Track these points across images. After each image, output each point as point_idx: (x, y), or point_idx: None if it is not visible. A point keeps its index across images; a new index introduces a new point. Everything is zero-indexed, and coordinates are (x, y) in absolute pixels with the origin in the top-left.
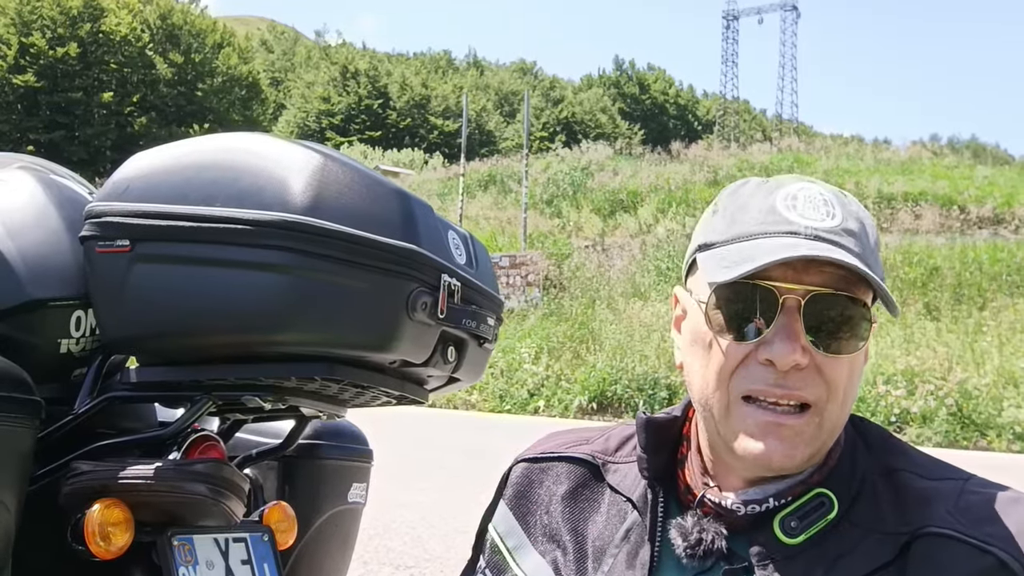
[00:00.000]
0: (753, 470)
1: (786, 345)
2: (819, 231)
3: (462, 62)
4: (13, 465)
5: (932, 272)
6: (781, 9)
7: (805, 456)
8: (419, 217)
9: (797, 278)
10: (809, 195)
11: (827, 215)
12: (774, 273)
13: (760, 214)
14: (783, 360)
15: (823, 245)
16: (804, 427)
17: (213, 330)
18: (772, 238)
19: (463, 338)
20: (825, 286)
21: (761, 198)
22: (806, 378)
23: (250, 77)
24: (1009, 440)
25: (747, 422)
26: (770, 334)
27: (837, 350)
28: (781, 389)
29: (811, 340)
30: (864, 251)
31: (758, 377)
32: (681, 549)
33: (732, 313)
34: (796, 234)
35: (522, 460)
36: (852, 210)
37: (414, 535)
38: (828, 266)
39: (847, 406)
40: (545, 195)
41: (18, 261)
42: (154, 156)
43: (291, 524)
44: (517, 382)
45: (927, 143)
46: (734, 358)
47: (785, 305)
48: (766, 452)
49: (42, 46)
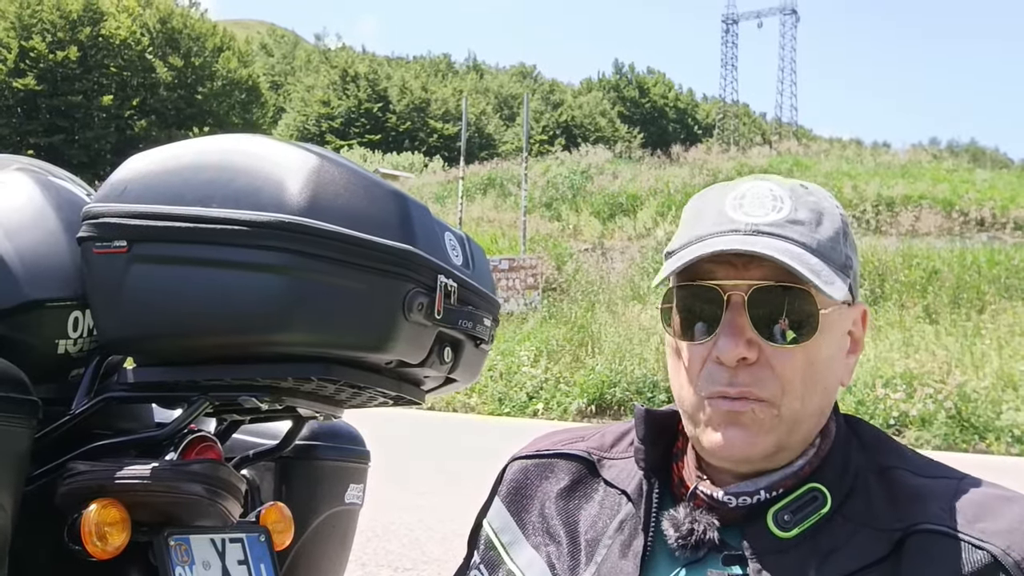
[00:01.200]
0: (723, 464)
1: (728, 340)
2: (759, 226)
3: (462, 65)
4: (10, 465)
5: (931, 275)
6: (780, 13)
7: (768, 445)
8: (415, 218)
9: (739, 274)
10: (757, 192)
11: (772, 209)
12: (719, 273)
13: (710, 217)
14: (727, 356)
15: (757, 239)
16: (762, 416)
17: (210, 331)
18: (715, 238)
19: (459, 339)
20: (767, 279)
21: (714, 202)
22: (756, 374)
23: (250, 81)
24: (1008, 443)
25: (711, 417)
26: (719, 331)
27: (785, 341)
28: (734, 388)
29: (759, 333)
30: (812, 239)
31: (715, 378)
32: (673, 540)
33: (687, 316)
34: (737, 231)
35: (518, 458)
36: (807, 201)
37: (412, 537)
38: (770, 259)
39: (810, 400)
40: (544, 198)
41: (16, 262)
42: (151, 157)
43: (288, 525)
44: (516, 385)
45: (926, 146)
46: (696, 361)
47: (731, 302)
48: (727, 442)
49: (42, 50)
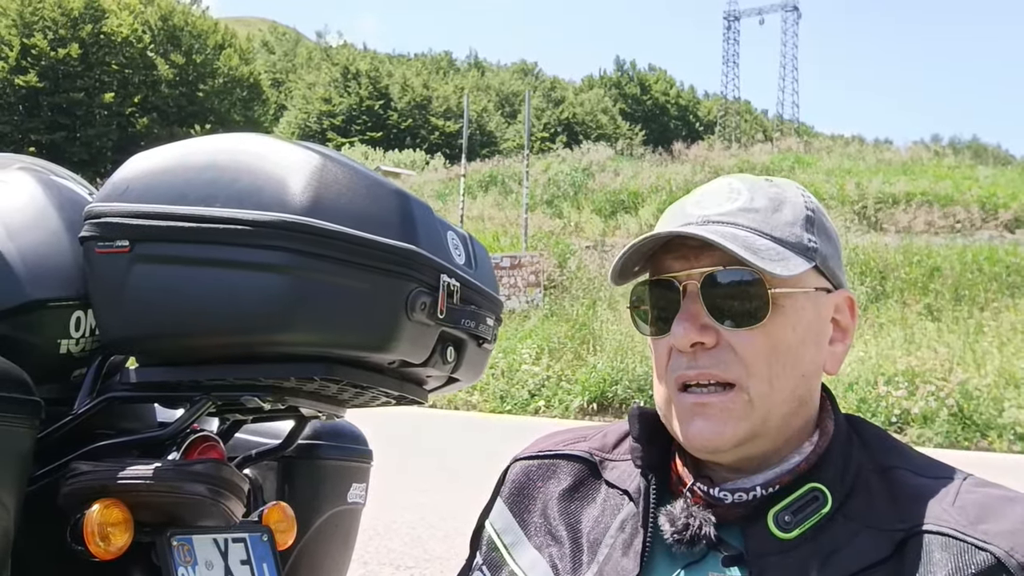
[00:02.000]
0: (699, 455)
1: (680, 326)
2: (710, 216)
3: (463, 63)
4: (12, 465)
5: (933, 272)
6: (782, 10)
7: (738, 433)
8: (418, 217)
9: (690, 264)
10: (717, 187)
11: (727, 200)
12: (675, 266)
13: (672, 216)
14: (680, 341)
15: (704, 227)
16: (730, 404)
17: (212, 330)
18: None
19: (462, 338)
20: (716, 265)
21: (679, 203)
22: (716, 356)
23: (251, 78)
24: (1010, 441)
25: (680, 409)
26: (675, 321)
27: (744, 323)
28: (694, 370)
29: (714, 318)
30: (764, 225)
31: (675, 365)
32: (669, 535)
33: (650, 311)
34: (689, 224)
35: (520, 459)
36: (768, 192)
37: (414, 535)
38: (717, 247)
39: (780, 384)
40: (546, 196)
41: (18, 261)
42: (154, 157)
43: (290, 524)
44: (518, 383)
45: (928, 143)
46: (663, 353)
47: (687, 291)
48: (696, 432)
49: (44, 47)
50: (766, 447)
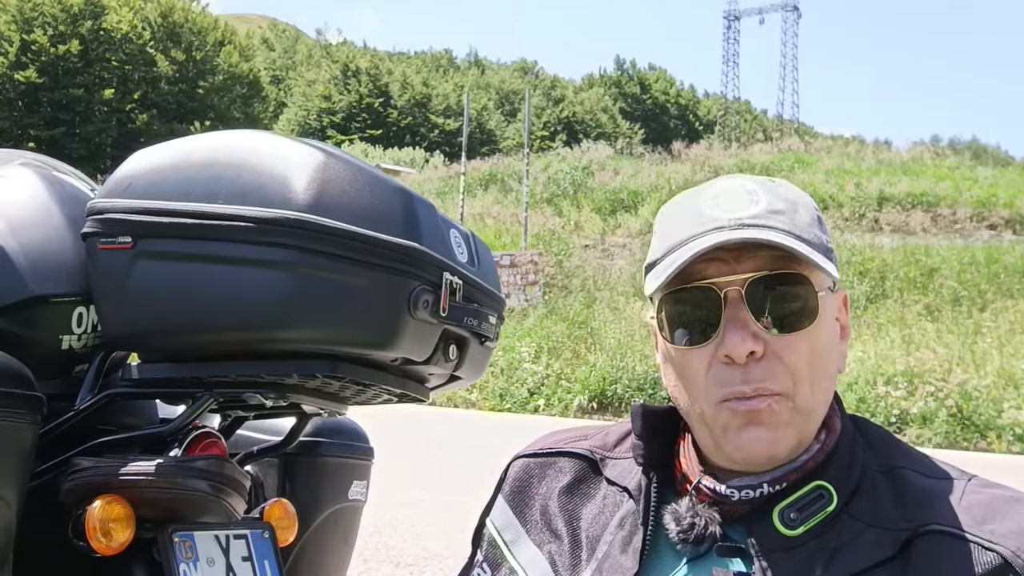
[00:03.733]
0: (748, 466)
1: (736, 335)
2: (742, 219)
3: (463, 61)
4: (14, 461)
5: (932, 273)
6: (782, 9)
7: (791, 438)
8: (421, 215)
9: (732, 269)
10: (730, 189)
11: (750, 203)
12: (709, 271)
13: (687, 221)
14: (737, 351)
15: (747, 231)
16: (780, 411)
17: (215, 327)
18: (700, 238)
19: (465, 336)
20: (760, 270)
21: (688, 206)
22: (768, 368)
23: (251, 75)
24: (1009, 441)
25: (730, 422)
26: (721, 330)
27: (789, 329)
28: (749, 385)
29: (762, 326)
30: (794, 227)
31: (725, 379)
32: (674, 533)
33: (684, 322)
34: (721, 228)
35: (521, 456)
36: (780, 193)
37: (414, 533)
38: (761, 249)
39: (818, 387)
40: (546, 194)
41: (20, 257)
42: (156, 153)
43: (292, 521)
44: (517, 381)
45: (928, 144)
46: (699, 366)
47: (728, 298)
48: (753, 442)
49: (43, 43)
50: (811, 452)
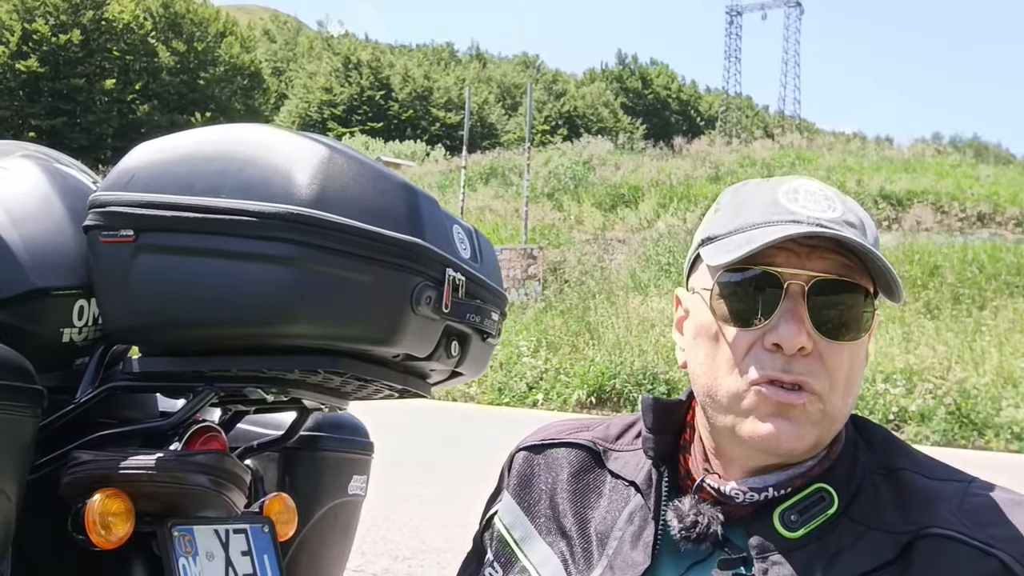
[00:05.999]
0: (759, 456)
1: (791, 327)
2: (821, 220)
3: (465, 54)
4: (14, 454)
5: (932, 271)
6: (785, 5)
7: (812, 439)
8: (424, 211)
9: (800, 264)
10: (810, 189)
11: (828, 208)
12: (777, 260)
13: (763, 207)
14: (789, 343)
15: (828, 230)
16: (811, 409)
17: (216, 321)
18: (775, 226)
19: (467, 332)
20: (828, 272)
21: (763, 193)
22: (811, 365)
23: (252, 66)
24: (1007, 440)
25: (758, 406)
26: (776, 318)
27: (839, 336)
28: (789, 375)
29: (815, 326)
30: (865, 242)
31: (767, 363)
32: (676, 531)
33: (737, 301)
34: (799, 222)
35: (524, 448)
36: (851, 207)
37: (412, 526)
38: (831, 253)
39: (848, 398)
40: (546, 189)
41: (21, 250)
42: (159, 146)
43: (291, 516)
44: (516, 375)
45: (930, 141)
46: (742, 346)
47: (789, 290)
48: (775, 433)
49: (45, 32)
50: (818, 457)
